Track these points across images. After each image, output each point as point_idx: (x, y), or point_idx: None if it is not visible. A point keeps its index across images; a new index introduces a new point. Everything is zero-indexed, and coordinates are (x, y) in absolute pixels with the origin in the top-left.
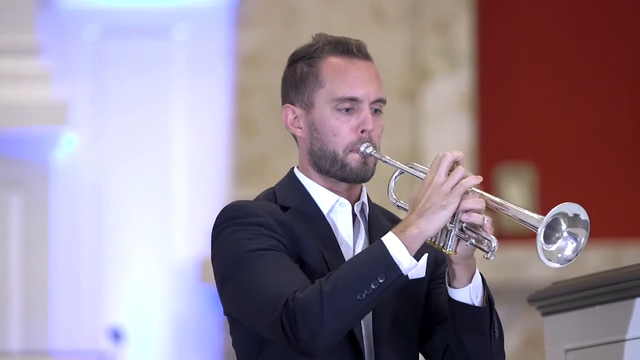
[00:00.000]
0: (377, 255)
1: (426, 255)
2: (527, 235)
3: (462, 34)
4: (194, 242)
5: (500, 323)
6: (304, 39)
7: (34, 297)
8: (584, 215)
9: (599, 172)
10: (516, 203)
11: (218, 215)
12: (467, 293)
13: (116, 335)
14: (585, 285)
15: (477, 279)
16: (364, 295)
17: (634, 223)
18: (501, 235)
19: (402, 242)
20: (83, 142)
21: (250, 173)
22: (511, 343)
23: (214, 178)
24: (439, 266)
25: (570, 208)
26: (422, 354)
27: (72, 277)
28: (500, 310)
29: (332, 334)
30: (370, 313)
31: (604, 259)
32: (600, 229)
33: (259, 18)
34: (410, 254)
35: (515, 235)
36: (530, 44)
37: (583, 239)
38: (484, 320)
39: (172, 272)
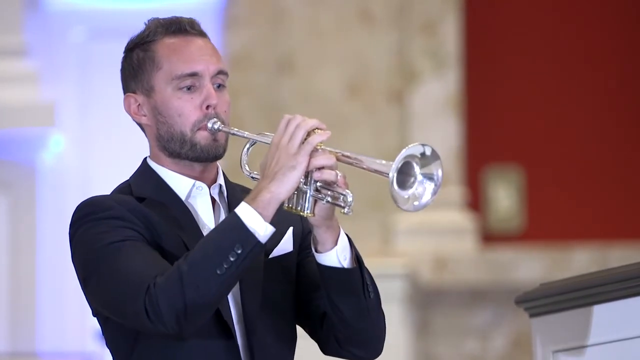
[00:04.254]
0: (231, 227)
1: (291, 228)
2: (514, 237)
3: (450, 35)
4: None
5: (374, 283)
6: (291, 40)
7: (21, 299)
8: (428, 150)
9: (586, 173)
10: (370, 155)
11: (73, 213)
12: (334, 256)
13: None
14: (572, 286)
15: (342, 240)
16: (224, 269)
17: (620, 224)
18: (487, 237)
19: (255, 209)
20: (70, 143)
21: (237, 174)
22: (498, 344)
23: None
24: (307, 236)
25: (415, 149)
26: (303, 327)
27: (60, 279)
28: (488, 311)
29: (197, 313)
30: (239, 294)
31: (591, 260)
32: (588, 230)
33: (246, 19)
34: (265, 221)
35: (501, 236)
36: (518, 45)
37: (439, 172)
38: (355, 281)
39: None
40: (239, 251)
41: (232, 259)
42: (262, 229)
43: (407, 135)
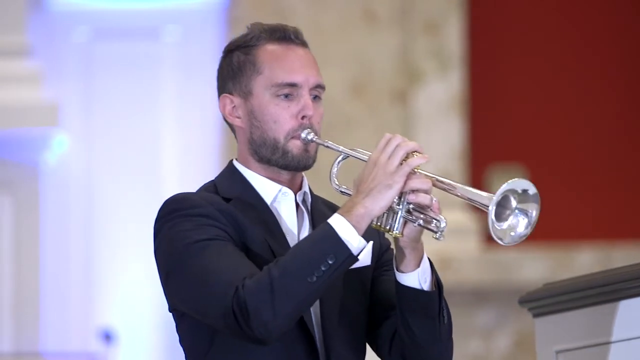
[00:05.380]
0: (325, 237)
1: (371, 242)
2: None
3: (453, 35)
4: None
5: (448, 308)
6: None
7: (24, 299)
8: (532, 190)
9: (590, 173)
10: (464, 183)
11: (160, 209)
12: (416, 277)
13: (107, 337)
14: (576, 286)
15: (425, 263)
16: (315, 278)
17: (624, 224)
18: (491, 237)
19: (349, 222)
20: (74, 143)
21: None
22: (502, 344)
23: (204, 179)
24: (384, 253)
25: (519, 184)
26: (370, 344)
27: (63, 279)
28: (491, 311)
29: (285, 320)
30: (318, 303)
31: (595, 260)
32: (591, 230)
33: (249, 20)
34: (358, 234)
35: None
36: (521, 45)
37: (535, 213)
38: (432, 304)
39: None
40: (331, 261)
41: (323, 268)
42: (355, 242)
43: (411, 135)
